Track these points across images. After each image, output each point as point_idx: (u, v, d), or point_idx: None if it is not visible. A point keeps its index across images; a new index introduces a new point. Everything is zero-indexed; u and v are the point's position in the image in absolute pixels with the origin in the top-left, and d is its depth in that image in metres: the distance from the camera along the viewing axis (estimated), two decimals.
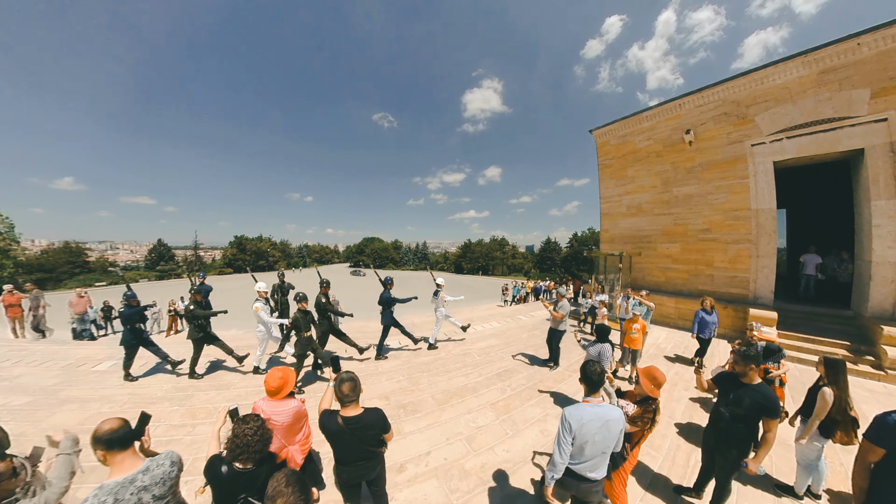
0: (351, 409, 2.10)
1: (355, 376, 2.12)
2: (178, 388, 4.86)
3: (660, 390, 2.34)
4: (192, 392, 4.70)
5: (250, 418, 1.73)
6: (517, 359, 6.37)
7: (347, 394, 2.07)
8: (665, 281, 10.46)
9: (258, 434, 1.66)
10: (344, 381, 2.08)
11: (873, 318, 6.70)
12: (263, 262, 62.04)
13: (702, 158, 9.44)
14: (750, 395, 2.38)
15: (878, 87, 6.66)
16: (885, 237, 6.71)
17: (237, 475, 1.64)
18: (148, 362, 5.95)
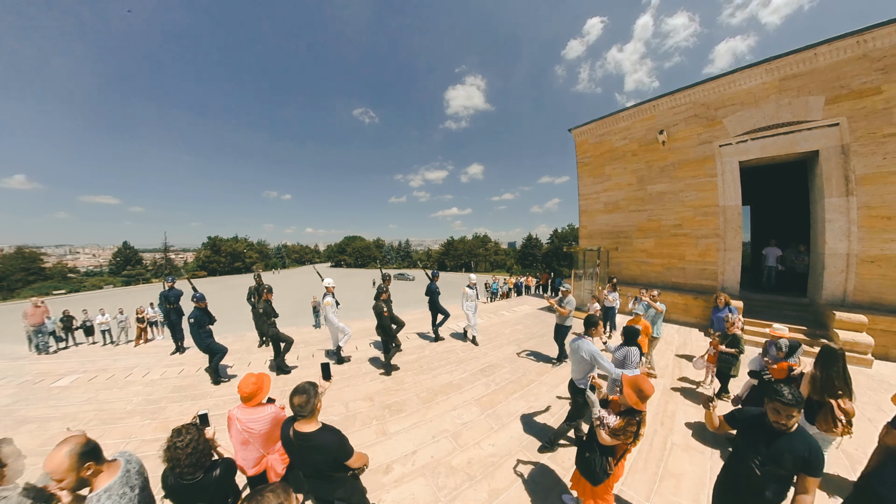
0: (303, 424, 1.88)
1: (310, 389, 1.87)
2: (148, 400, 4.61)
3: (646, 403, 2.13)
4: (165, 404, 4.47)
5: (185, 429, 1.66)
6: (501, 353, 6.44)
7: (297, 406, 1.84)
8: (640, 274, 10.89)
9: (190, 446, 1.60)
10: (296, 391, 1.86)
11: (827, 304, 7.27)
12: (240, 264, 59.75)
13: (674, 158, 9.87)
14: (791, 447, 1.76)
15: (832, 94, 7.20)
16: (836, 231, 7.27)
17: (184, 487, 1.63)
18: (115, 375, 5.61)
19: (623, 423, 2.15)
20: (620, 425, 2.15)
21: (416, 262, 73.27)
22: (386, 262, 77.01)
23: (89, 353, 7.64)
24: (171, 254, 60.16)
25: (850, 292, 7.15)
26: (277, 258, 78.50)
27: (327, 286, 5.82)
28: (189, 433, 1.64)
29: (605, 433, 2.21)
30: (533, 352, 6.63)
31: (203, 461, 1.66)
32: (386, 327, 5.34)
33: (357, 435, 3.67)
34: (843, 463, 3.27)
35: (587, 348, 3.24)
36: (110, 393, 4.91)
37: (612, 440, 2.18)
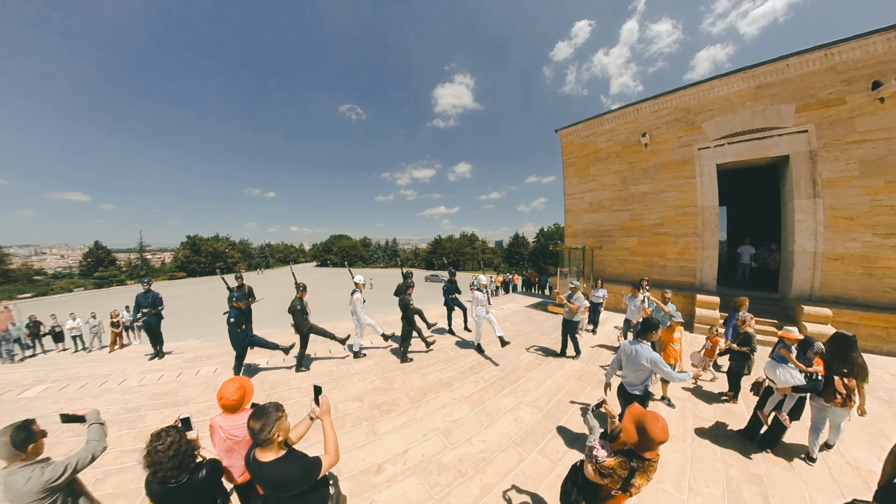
0: (261, 452, 1.64)
1: (271, 413, 1.64)
2: (126, 409, 4.40)
3: (653, 451, 1.68)
4: (145, 412, 4.29)
5: (165, 432, 1.63)
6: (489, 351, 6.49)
7: (251, 430, 1.61)
8: (623, 272, 11.21)
9: (172, 449, 1.57)
10: (254, 413, 1.64)
11: (796, 299, 7.69)
12: (221, 264, 57.87)
13: (656, 160, 10.19)
14: None
15: (802, 103, 7.62)
16: (805, 231, 7.70)
17: (169, 491, 1.60)
18: (88, 384, 5.34)
19: (615, 464, 1.71)
20: (611, 466, 1.72)
21: (403, 261, 72.92)
22: (373, 261, 76.27)
23: (60, 361, 7.26)
24: (147, 254, 57.69)
25: (816, 288, 7.60)
26: (261, 258, 76.44)
27: (357, 283, 6.18)
28: (169, 435, 1.61)
29: (590, 467, 1.84)
30: (522, 348, 6.70)
31: (187, 462, 1.62)
32: (410, 319, 5.91)
33: (347, 436, 3.65)
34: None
35: (648, 355, 3.00)
36: (84, 403, 4.65)
37: (596, 478, 1.80)
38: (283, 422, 1.69)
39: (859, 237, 7.14)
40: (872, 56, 6.83)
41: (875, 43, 6.77)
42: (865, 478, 3.08)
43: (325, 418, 1.93)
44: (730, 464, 3.28)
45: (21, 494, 1.59)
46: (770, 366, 3.54)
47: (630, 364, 3.13)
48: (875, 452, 3.42)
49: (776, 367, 3.46)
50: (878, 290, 6.98)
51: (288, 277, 50.98)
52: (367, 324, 6.08)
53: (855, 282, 7.22)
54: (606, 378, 3.42)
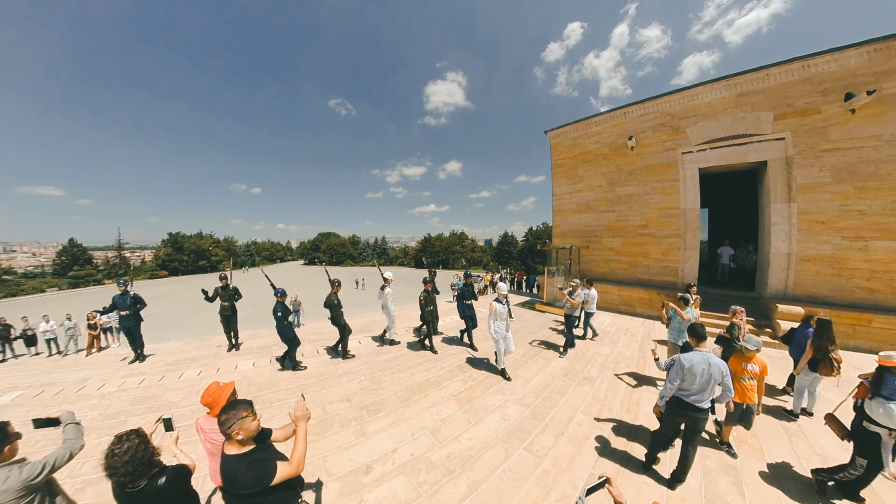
0: (226, 445, 1.71)
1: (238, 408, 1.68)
2: (106, 415, 4.26)
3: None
4: (125, 418, 4.18)
5: (126, 437, 1.62)
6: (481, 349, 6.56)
7: (218, 421, 1.68)
8: (609, 271, 11.47)
9: (128, 454, 1.56)
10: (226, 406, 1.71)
11: (771, 297, 8.02)
12: (205, 263, 56.38)
13: (641, 162, 10.45)
14: None
15: (780, 111, 7.94)
16: (780, 234, 8.04)
17: (127, 495, 1.60)
18: (64, 389, 5.15)
19: None
20: None
21: (392, 260, 72.48)
22: (362, 259, 75.58)
23: (33, 366, 6.96)
24: (126, 252, 55.74)
25: (790, 287, 7.95)
26: (246, 256, 74.75)
27: (387, 278, 6.56)
28: (129, 441, 1.60)
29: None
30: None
31: (142, 470, 1.61)
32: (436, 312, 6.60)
33: (335, 437, 3.64)
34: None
35: (723, 365, 2.85)
36: (60, 409, 4.50)
37: None
38: (248, 422, 1.68)
39: (830, 240, 7.50)
40: (846, 69, 7.18)
41: (849, 56, 7.12)
42: None
43: (301, 424, 1.86)
44: (707, 456, 3.42)
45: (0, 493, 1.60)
46: (880, 404, 2.73)
47: (694, 377, 2.82)
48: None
49: (887, 404, 2.70)
50: (846, 290, 7.36)
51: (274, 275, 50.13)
52: (393, 317, 6.67)
53: (825, 282, 7.58)
54: (661, 400, 3.06)
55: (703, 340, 3.00)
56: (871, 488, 2.86)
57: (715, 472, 3.18)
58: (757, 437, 3.75)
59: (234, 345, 6.75)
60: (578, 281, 6.99)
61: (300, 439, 1.79)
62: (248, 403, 1.75)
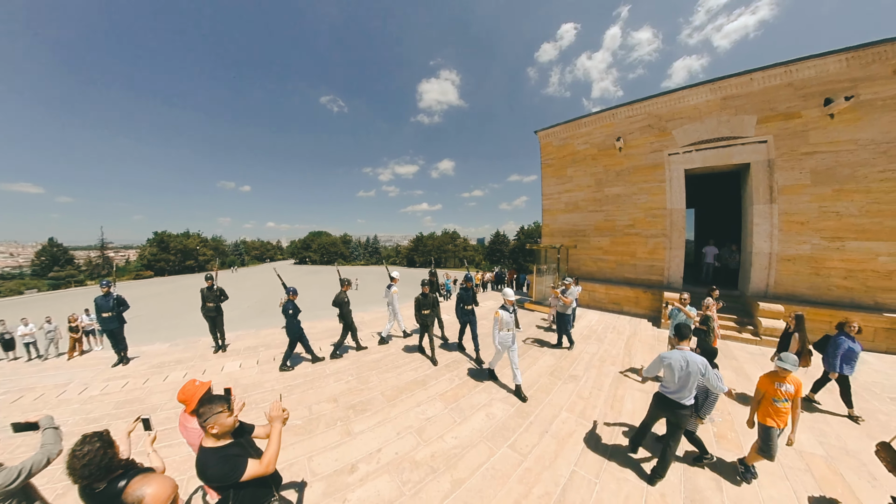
0: (204, 436, 1.77)
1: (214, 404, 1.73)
2: (88, 419, 4.15)
3: None
4: (109, 422, 4.07)
5: (88, 439, 1.62)
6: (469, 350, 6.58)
7: (195, 412, 1.77)
8: (596, 270, 11.63)
9: (87, 458, 1.56)
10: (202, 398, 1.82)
11: (753, 296, 8.24)
12: (192, 263, 55.30)
13: (629, 163, 10.60)
14: None
15: (763, 115, 8.15)
16: (762, 234, 8.26)
17: (88, 495, 1.61)
18: (45, 394, 5.00)
19: None
20: None
21: (385, 258, 72.20)
22: (353, 258, 75.04)
23: (11, 371, 6.74)
24: (109, 252, 54.26)
25: (771, 286, 8.17)
26: (235, 255, 73.46)
27: (394, 277, 6.95)
28: (89, 444, 1.60)
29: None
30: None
31: (99, 474, 1.60)
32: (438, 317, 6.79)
33: (321, 437, 3.63)
34: None
35: (702, 362, 2.94)
36: (40, 414, 4.37)
37: None
38: (223, 417, 1.71)
39: (809, 240, 7.73)
40: (826, 75, 7.41)
41: (828, 63, 7.35)
42: (808, 461, 3.36)
43: (275, 425, 1.86)
44: (688, 451, 3.49)
45: None
46: None
47: (674, 373, 2.97)
48: (816, 437, 3.78)
49: None
50: (824, 289, 7.60)
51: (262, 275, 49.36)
52: (397, 315, 6.92)
53: (804, 280, 7.81)
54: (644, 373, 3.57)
55: (684, 339, 3.11)
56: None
57: (695, 469, 3.25)
58: (736, 433, 3.85)
59: (220, 346, 6.66)
60: (571, 279, 7.11)
61: (273, 440, 1.81)
62: (225, 399, 1.78)
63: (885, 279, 7.04)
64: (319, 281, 40.24)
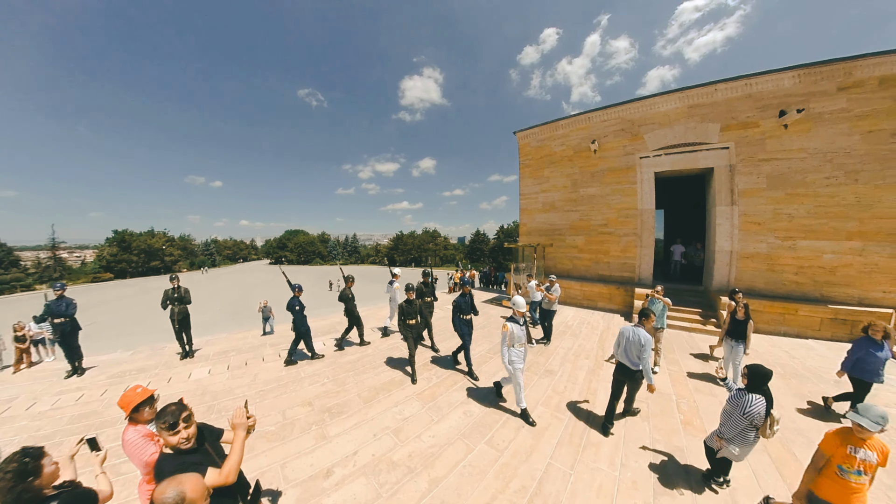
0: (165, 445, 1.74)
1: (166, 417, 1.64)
2: (37, 437, 3.70)
3: None
4: (61, 439, 3.73)
5: (9, 460, 1.49)
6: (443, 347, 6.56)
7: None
8: (572, 268, 11.99)
9: (2, 482, 1.44)
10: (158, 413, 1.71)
11: (715, 291, 8.75)
12: (157, 263, 52.11)
13: (603, 165, 10.99)
14: None
15: (725, 123, 8.72)
16: (723, 233, 8.80)
17: None
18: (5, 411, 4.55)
19: None
20: None
21: (364, 258, 71.12)
22: (332, 257, 73.43)
23: None
24: (61, 252, 50.21)
25: (731, 281, 8.73)
26: (205, 255, 69.95)
27: (396, 274, 7.18)
28: (10, 462, 1.46)
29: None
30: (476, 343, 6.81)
31: (24, 497, 1.46)
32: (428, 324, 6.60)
33: (295, 443, 3.53)
34: None
35: (646, 337, 3.55)
36: None
37: None
38: (166, 436, 1.63)
39: (765, 240, 8.33)
40: (781, 89, 8.03)
41: (784, 78, 7.97)
42: (765, 442, 3.55)
43: (238, 432, 1.77)
44: (657, 439, 3.68)
45: None
46: None
47: (629, 347, 3.66)
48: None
49: None
50: (778, 283, 8.21)
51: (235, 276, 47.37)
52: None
53: (760, 276, 8.41)
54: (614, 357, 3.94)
55: (644, 318, 3.69)
56: None
57: (662, 456, 3.42)
58: (701, 419, 4.08)
59: (187, 352, 6.30)
60: (554, 277, 7.36)
61: (235, 447, 1.72)
62: (173, 415, 1.64)
63: (829, 274, 7.71)
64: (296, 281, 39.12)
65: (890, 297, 7.23)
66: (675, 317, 8.46)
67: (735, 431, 2.69)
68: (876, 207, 7.28)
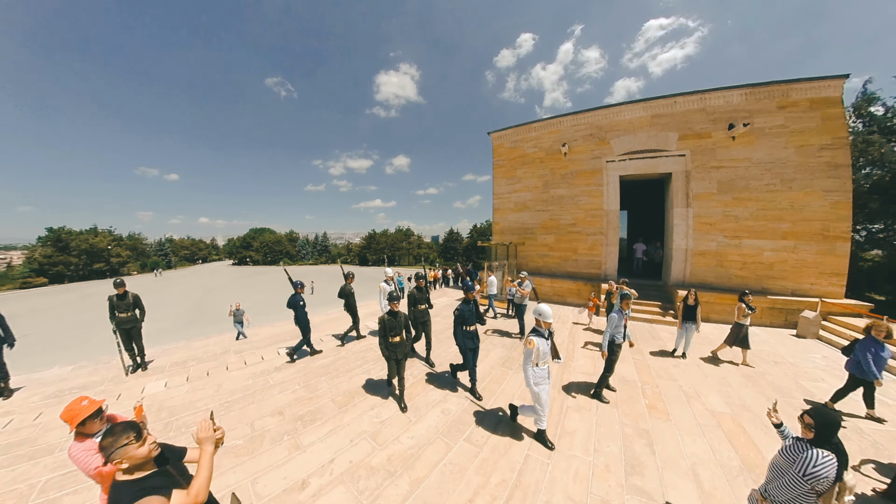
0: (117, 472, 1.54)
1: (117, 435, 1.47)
2: None
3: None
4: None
5: None
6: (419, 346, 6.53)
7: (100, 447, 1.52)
8: (543, 265, 12.43)
9: None
10: (106, 431, 1.57)
11: (673, 285, 9.47)
12: (102, 265, 47.25)
13: (573, 167, 11.49)
14: None
15: (682, 133, 9.49)
16: (679, 233, 9.55)
17: None
18: None
19: None
20: None
21: (335, 257, 69.05)
22: (301, 257, 70.55)
23: None
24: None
25: (687, 276, 9.48)
26: (159, 256, 64.44)
27: (388, 275, 7.05)
28: None
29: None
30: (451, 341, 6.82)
31: None
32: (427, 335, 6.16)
33: (266, 455, 3.33)
34: None
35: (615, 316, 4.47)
36: None
37: None
38: (132, 449, 1.46)
39: (715, 238, 9.15)
40: (730, 104, 8.91)
41: (732, 95, 8.86)
42: (718, 419, 4.04)
43: (205, 447, 1.62)
44: (625, 423, 3.92)
45: None
46: None
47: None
48: (722, 398, 4.57)
49: None
50: (726, 278, 9.04)
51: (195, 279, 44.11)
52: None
53: (711, 271, 9.21)
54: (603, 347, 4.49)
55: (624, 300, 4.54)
56: None
57: (631, 438, 3.66)
58: (664, 402, 4.41)
59: (139, 364, 5.71)
60: (526, 273, 7.67)
61: (203, 465, 1.57)
62: (132, 427, 1.50)
63: (768, 269, 8.63)
64: (264, 283, 37.15)
65: (816, 288, 8.22)
66: (638, 309, 9.02)
67: (789, 495, 1.98)
68: (805, 211, 8.26)
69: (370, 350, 6.42)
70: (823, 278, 8.17)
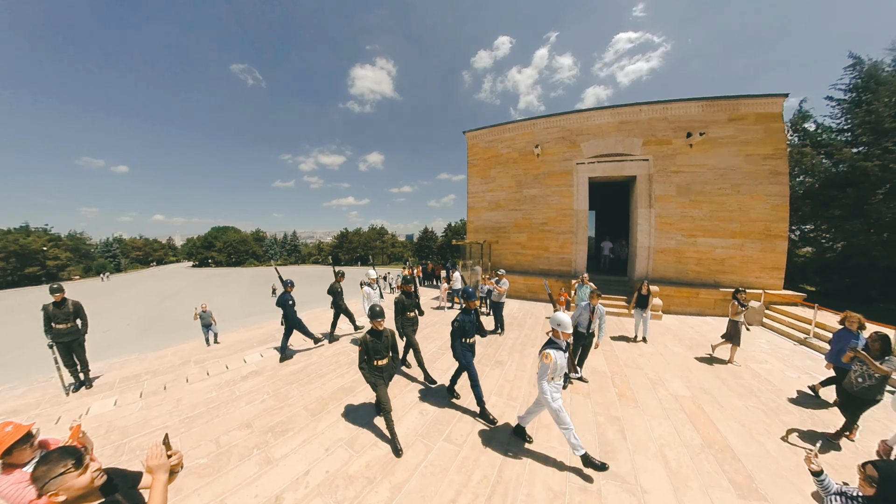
0: None
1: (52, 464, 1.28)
2: None
3: None
4: None
5: None
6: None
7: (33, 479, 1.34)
8: (516, 263, 12.73)
9: None
10: (39, 460, 1.35)
11: (637, 280, 10.01)
12: (37, 269, 42.26)
13: (545, 168, 11.85)
14: None
15: (646, 138, 10.10)
16: (643, 231, 10.16)
17: None
18: None
19: None
20: None
21: (306, 257, 66.56)
22: (269, 257, 67.25)
23: None
24: None
25: (650, 272, 10.10)
26: (107, 258, 58.54)
27: (371, 277, 7.04)
28: None
29: None
30: (427, 341, 6.83)
31: None
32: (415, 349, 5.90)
33: (234, 473, 3.10)
34: None
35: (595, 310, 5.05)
36: None
37: None
38: (71, 478, 1.28)
39: (674, 237, 9.84)
40: (688, 115, 9.66)
41: (691, 106, 9.61)
42: (681, 403, 4.39)
43: (158, 476, 1.45)
44: (598, 412, 4.11)
45: None
46: None
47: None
48: (685, 383, 4.96)
49: None
50: (684, 273, 9.75)
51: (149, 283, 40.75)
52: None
53: (671, 267, 9.88)
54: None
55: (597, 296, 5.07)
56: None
57: (604, 425, 3.84)
58: (632, 390, 4.70)
59: (82, 382, 5.06)
60: (503, 271, 7.81)
61: (155, 495, 1.41)
62: (70, 452, 1.31)
63: (719, 265, 9.41)
64: (227, 285, 35.02)
65: (760, 280, 9.07)
66: (605, 304, 9.47)
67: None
68: (751, 212, 9.12)
69: (343, 353, 6.21)
70: (766, 272, 9.05)
